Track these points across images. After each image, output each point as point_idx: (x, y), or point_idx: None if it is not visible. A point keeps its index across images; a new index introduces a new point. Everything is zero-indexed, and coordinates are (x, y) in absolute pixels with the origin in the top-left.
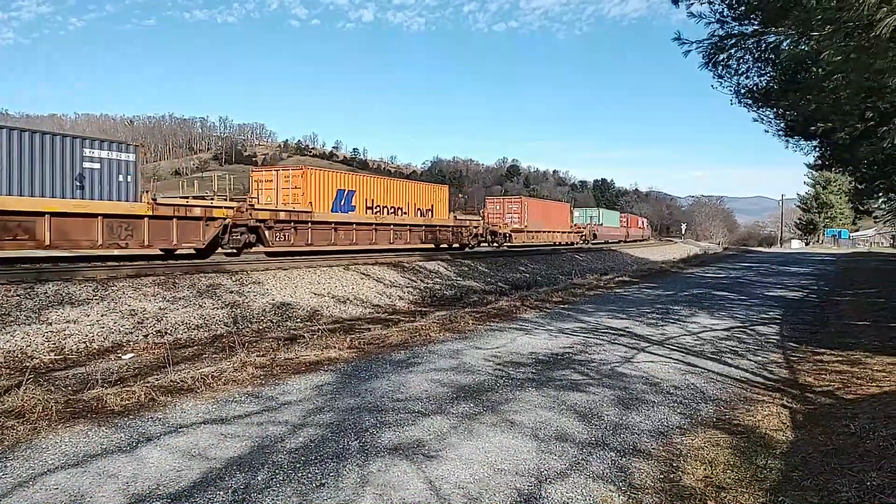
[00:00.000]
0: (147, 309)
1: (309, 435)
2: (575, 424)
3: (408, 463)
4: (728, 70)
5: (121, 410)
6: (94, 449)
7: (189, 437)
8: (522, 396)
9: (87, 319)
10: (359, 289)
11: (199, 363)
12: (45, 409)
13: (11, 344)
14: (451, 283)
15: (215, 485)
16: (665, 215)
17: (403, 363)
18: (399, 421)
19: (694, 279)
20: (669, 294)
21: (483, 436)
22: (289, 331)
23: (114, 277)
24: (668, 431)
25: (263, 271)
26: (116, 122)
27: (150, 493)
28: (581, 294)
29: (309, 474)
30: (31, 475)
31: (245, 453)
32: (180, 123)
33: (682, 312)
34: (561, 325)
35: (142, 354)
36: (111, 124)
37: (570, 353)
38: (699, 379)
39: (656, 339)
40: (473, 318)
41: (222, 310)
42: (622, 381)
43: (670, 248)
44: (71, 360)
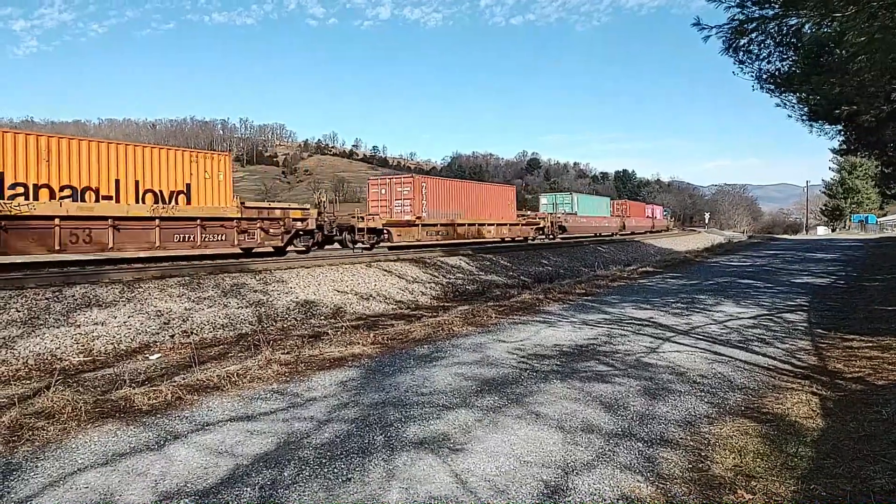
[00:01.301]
0: (173, 310)
1: (334, 430)
2: (601, 415)
3: (433, 456)
4: (749, 55)
5: (148, 409)
6: (122, 448)
7: (216, 435)
8: (547, 388)
9: (115, 321)
10: (381, 285)
11: (224, 362)
12: (74, 410)
13: (41, 346)
14: (472, 277)
15: (242, 481)
16: (688, 205)
17: (427, 357)
18: (424, 415)
19: (718, 268)
20: (694, 283)
21: (508, 428)
22: (313, 328)
23: (139, 279)
24: (696, 421)
25: (287, 270)
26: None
27: (179, 490)
28: (604, 285)
29: (335, 469)
30: (61, 474)
31: (271, 450)
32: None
33: (708, 301)
34: (585, 317)
35: (168, 354)
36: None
37: (594, 344)
38: (726, 368)
39: (682, 329)
40: (496, 311)
41: (247, 309)
42: (648, 371)
43: (694, 238)
44: (99, 361)
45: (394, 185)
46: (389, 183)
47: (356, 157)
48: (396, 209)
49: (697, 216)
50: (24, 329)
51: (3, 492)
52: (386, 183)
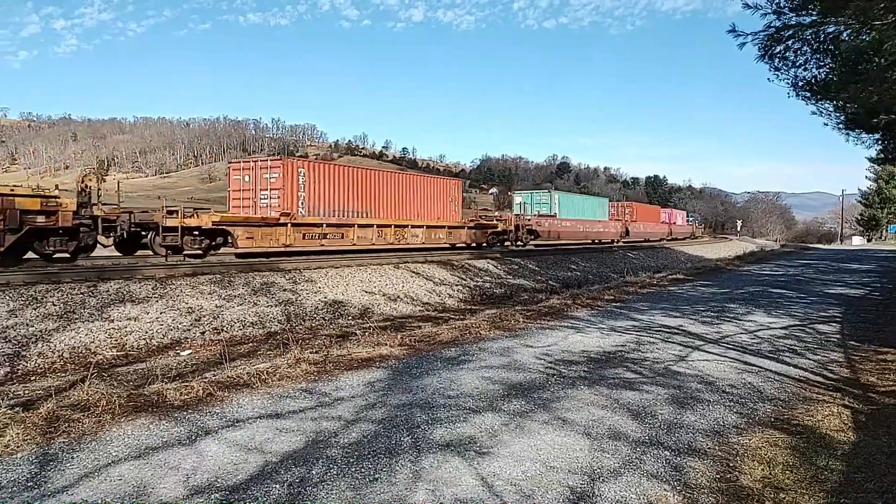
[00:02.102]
0: (204, 307)
1: (362, 430)
2: (628, 423)
3: (460, 459)
4: (785, 62)
5: (180, 405)
6: (155, 442)
7: (246, 431)
8: (574, 394)
9: (147, 317)
10: (409, 287)
11: (254, 359)
12: (108, 403)
13: (76, 340)
14: (500, 281)
15: (271, 478)
16: (720, 212)
17: (454, 360)
18: (451, 417)
19: (750, 276)
20: (725, 292)
21: (535, 433)
22: (341, 328)
23: (171, 276)
24: (725, 431)
25: (316, 269)
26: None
27: (210, 485)
28: (633, 292)
29: (362, 469)
30: (96, 466)
31: (300, 448)
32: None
33: (738, 310)
34: (613, 324)
35: (199, 351)
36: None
37: (622, 351)
38: (756, 378)
39: (711, 338)
40: (524, 316)
41: (276, 307)
42: (676, 379)
43: (725, 246)
44: (132, 356)
45: (259, 171)
46: (254, 168)
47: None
48: (262, 203)
49: (729, 223)
50: (60, 322)
51: (42, 481)
52: (249, 168)
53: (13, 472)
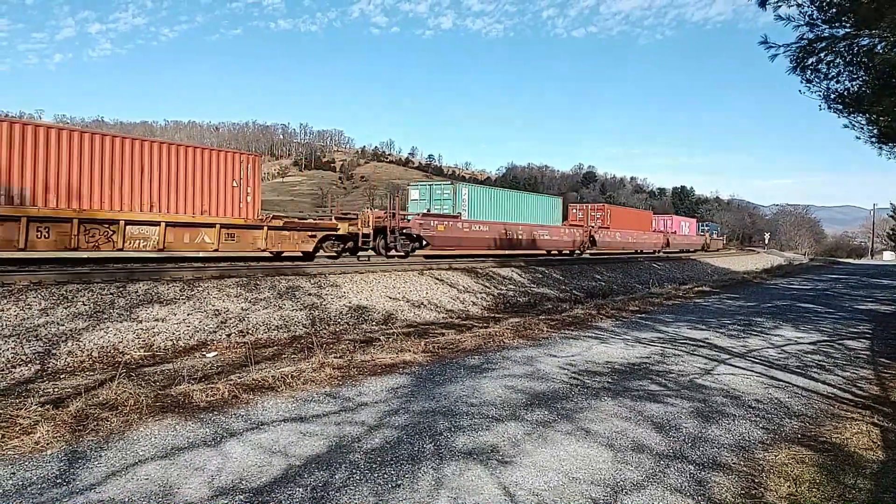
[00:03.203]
0: (230, 309)
1: (385, 436)
2: (652, 435)
3: (482, 468)
4: (817, 74)
5: (206, 406)
6: (181, 442)
7: (270, 434)
8: (598, 405)
9: (174, 318)
10: (433, 293)
11: (279, 363)
12: (136, 403)
13: (105, 340)
14: (524, 289)
15: (295, 481)
16: (747, 224)
17: (477, 368)
18: (473, 425)
19: (778, 290)
20: (752, 305)
21: (558, 443)
22: (364, 333)
23: (199, 278)
24: (750, 446)
25: (340, 275)
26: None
27: (235, 486)
28: (658, 303)
29: (385, 475)
30: (124, 465)
31: (323, 452)
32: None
33: (766, 324)
34: (638, 335)
35: (224, 353)
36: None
37: (646, 363)
38: (783, 393)
39: (738, 352)
40: (548, 325)
41: (301, 311)
42: (701, 393)
43: (752, 258)
44: (159, 356)
45: None
46: None
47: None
48: None
49: (757, 236)
50: (90, 322)
51: (70, 479)
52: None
53: (43, 469)
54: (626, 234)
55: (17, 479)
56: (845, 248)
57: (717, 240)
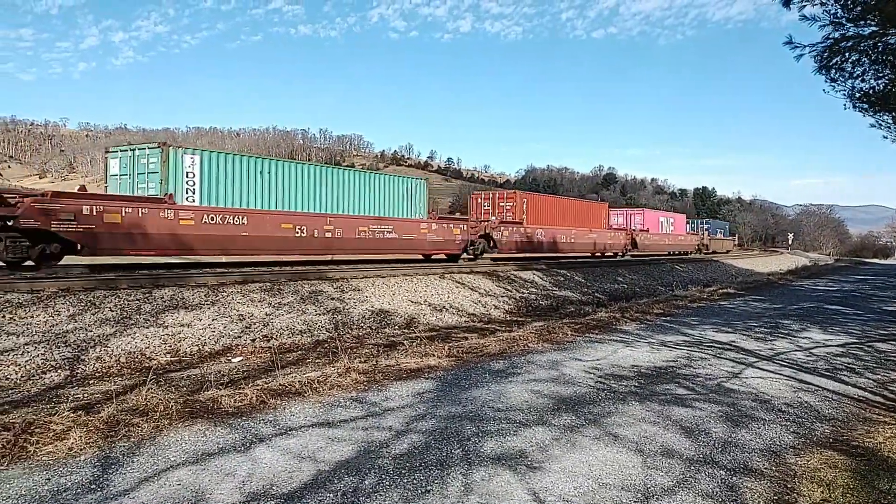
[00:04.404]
0: (254, 314)
1: (412, 441)
2: (681, 440)
3: (511, 473)
4: (842, 73)
5: (234, 411)
6: (211, 448)
7: (299, 440)
8: (625, 410)
9: (200, 323)
10: (454, 297)
11: (303, 367)
12: (166, 409)
13: (132, 346)
14: (546, 292)
15: (325, 487)
16: (770, 225)
17: (502, 373)
18: (500, 430)
19: (803, 292)
20: (777, 307)
21: (586, 448)
22: (387, 337)
23: (223, 283)
24: (781, 451)
25: (362, 279)
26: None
27: (265, 492)
28: (683, 306)
29: (414, 480)
30: (155, 470)
31: (352, 457)
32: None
33: (793, 327)
34: (663, 338)
35: (249, 358)
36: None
37: (673, 366)
38: (813, 397)
39: (765, 355)
40: (572, 328)
41: (324, 316)
42: (729, 396)
43: (776, 259)
44: (185, 361)
45: None
46: None
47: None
48: None
49: (780, 237)
50: (117, 328)
51: (104, 484)
52: None
53: (77, 475)
54: (554, 233)
55: (52, 485)
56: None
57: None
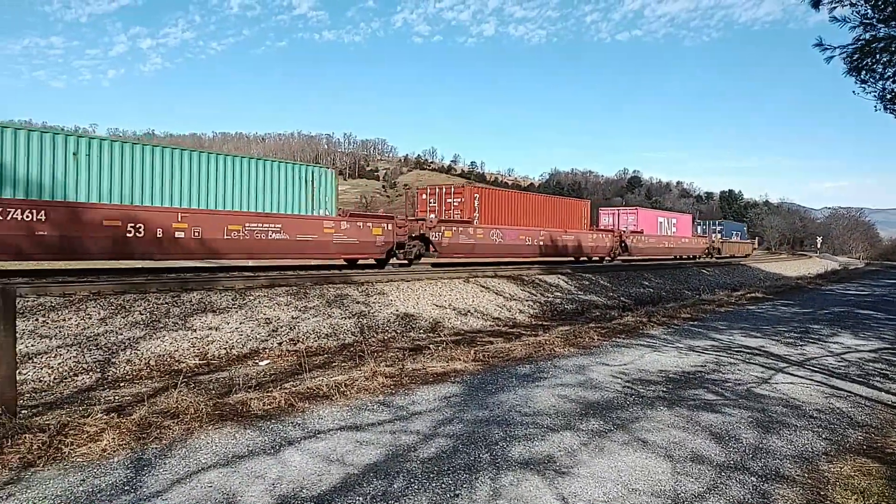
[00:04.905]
0: (281, 318)
1: (440, 445)
2: (710, 446)
3: (539, 478)
4: (872, 75)
5: (263, 414)
6: (241, 450)
7: (327, 443)
8: (653, 415)
9: (228, 327)
10: (479, 301)
11: (330, 371)
12: (196, 411)
13: (161, 349)
14: (571, 297)
15: (354, 490)
16: (798, 228)
17: (529, 377)
18: (528, 435)
19: (834, 296)
20: (807, 312)
21: (614, 454)
22: (412, 341)
23: (250, 287)
24: (813, 457)
25: (387, 283)
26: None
27: (295, 494)
28: (710, 310)
29: (443, 484)
30: (187, 472)
31: (380, 460)
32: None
33: (823, 332)
34: (691, 343)
35: (276, 361)
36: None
37: (701, 371)
38: (845, 403)
39: (795, 360)
40: (598, 333)
41: (349, 319)
42: (759, 402)
43: (805, 263)
44: (213, 364)
45: None
46: None
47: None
48: None
49: (808, 240)
50: (147, 331)
51: (137, 486)
52: None
53: (111, 476)
54: (516, 234)
55: (86, 486)
56: None
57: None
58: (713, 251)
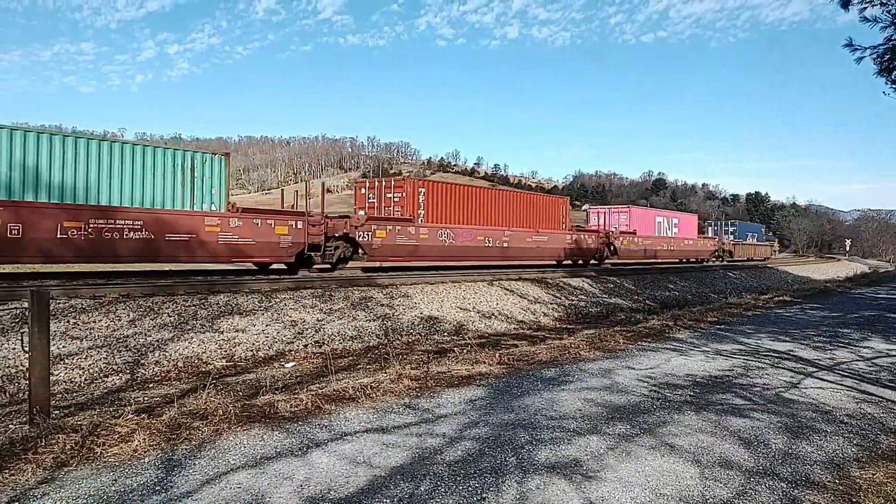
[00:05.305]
0: (306, 320)
1: (466, 448)
2: (739, 451)
3: (566, 482)
4: None
5: (290, 416)
6: (269, 452)
7: (354, 445)
8: (680, 419)
9: (254, 329)
10: (503, 304)
11: (355, 373)
12: (224, 413)
13: (189, 350)
14: (595, 300)
15: (381, 492)
16: (826, 230)
17: (554, 381)
18: (554, 439)
19: (864, 300)
20: (836, 315)
21: (642, 458)
22: (437, 344)
23: (276, 290)
24: (844, 463)
25: (411, 285)
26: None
27: (323, 496)
28: (738, 314)
29: (469, 487)
30: (216, 473)
31: (407, 463)
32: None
33: (853, 336)
34: (718, 347)
35: (302, 363)
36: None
37: (729, 376)
38: (876, 409)
39: (824, 364)
40: (623, 336)
41: (374, 322)
42: (788, 407)
43: (833, 266)
44: (240, 366)
45: None
46: None
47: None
48: None
49: (837, 243)
50: (175, 333)
51: (168, 486)
52: None
53: (142, 476)
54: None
55: (118, 486)
56: None
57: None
58: (724, 254)
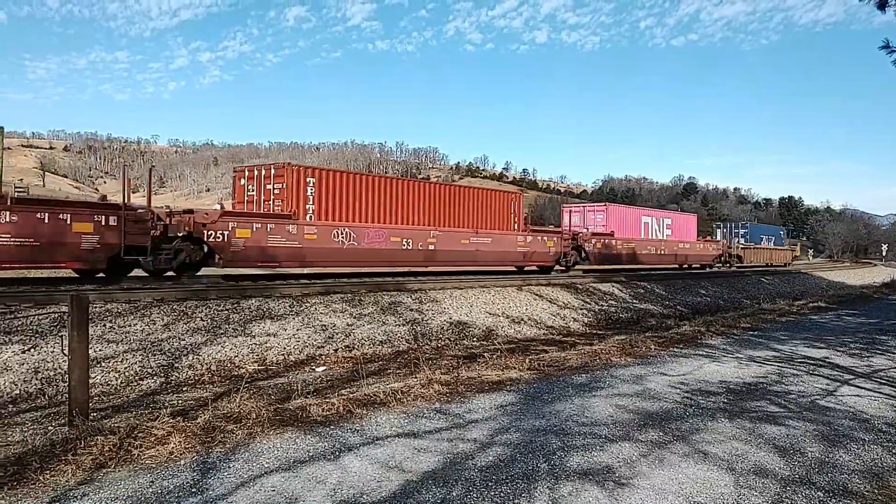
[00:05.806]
0: (336, 324)
1: (497, 453)
2: (774, 459)
3: (599, 489)
4: None
5: (322, 420)
6: (302, 455)
7: (385, 449)
8: (714, 427)
9: (285, 333)
10: (532, 309)
11: (385, 378)
12: (257, 416)
13: (222, 354)
14: (626, 305)
15: (413, 496)
16: (862, 235)
17: (585, 386)
18: (586, 445)
19: None
20: (873, 322)
21: (674, 465)
22: (466, 349)
23: (307, 294)
24: (883, 472)
25: (440, 290)
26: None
27: (356, 500)
28: (771, 320)
29: (501, 493)
30: (250, 476)
31: (438, 468)
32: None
33: (891, 343)
34: (751, 353)
35: (332, 368)
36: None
37: (763, 383)
38: None
39: (861, 372)
40: (655, 342)
41: (403, 327)
42: (824, 415)
43: (870, 272)
44: (271, 370)
45: None
46: None
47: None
48: None
49: (873, 248)
50: (207, 337)
51: (203, 488)
52: None
53: (178, 478)
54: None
55: (155, 488)
56: None
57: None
58: (731, 259)
